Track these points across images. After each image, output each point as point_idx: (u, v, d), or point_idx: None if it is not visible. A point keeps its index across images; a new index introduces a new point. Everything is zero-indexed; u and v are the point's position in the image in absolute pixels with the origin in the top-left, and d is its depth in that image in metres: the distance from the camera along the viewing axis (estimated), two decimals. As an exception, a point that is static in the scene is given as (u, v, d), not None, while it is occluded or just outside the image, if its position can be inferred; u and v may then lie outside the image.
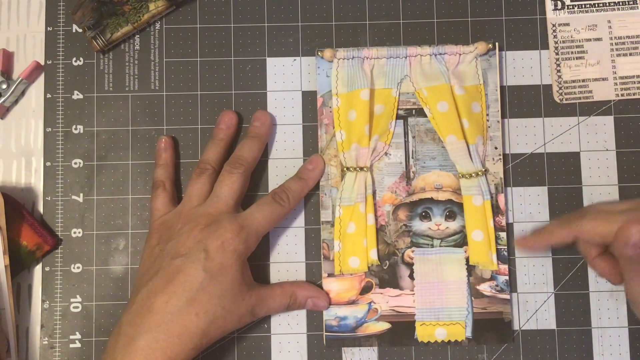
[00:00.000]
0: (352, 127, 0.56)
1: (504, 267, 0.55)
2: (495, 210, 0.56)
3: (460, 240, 0.56)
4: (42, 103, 0.58)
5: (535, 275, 0.56)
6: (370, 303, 0.55)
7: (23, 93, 0.58)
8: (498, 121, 0.57)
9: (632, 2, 0.59)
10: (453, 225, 0.56)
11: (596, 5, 0.59)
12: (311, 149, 0.57)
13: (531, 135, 0.58)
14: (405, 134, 0.57)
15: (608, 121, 0.58)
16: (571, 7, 0.59)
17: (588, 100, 0.58)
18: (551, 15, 0.59)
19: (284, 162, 0.57)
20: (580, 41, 0.59)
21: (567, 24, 0.59)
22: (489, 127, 0.57)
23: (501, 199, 0.56)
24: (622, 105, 0.58)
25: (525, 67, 0.58)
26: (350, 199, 0.55)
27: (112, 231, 0.57)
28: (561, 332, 0.56)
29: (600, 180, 0.57)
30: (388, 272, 0.56)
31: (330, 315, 0.55)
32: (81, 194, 0.57)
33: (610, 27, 0.59)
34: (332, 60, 0.57)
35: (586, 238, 0.51)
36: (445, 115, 0.56)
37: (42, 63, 0.58)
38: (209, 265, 0.49)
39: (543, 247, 0.56)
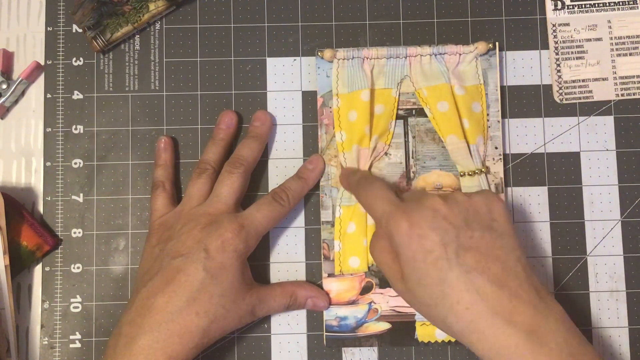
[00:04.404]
0: (353, 128, 0.56)
1: (504, 267, 0.55)
2: (496, 210, 0.56)
3: (461, 240, 0.56)
4: (42, 103, 0.58)
5: (536, 275, 0.56)
6: (370, 303, 0.55)
7: (23, 93, 0.58)
8: (498, 121, 0.57)
9: (632, 2, 0.59)
10: (453, 225, 0.56)
11: (596, 5, 0.59)
12: (311, 149, 0.57)
13: (531, 135, 0.58)
14: (406, 134, 0.57)
15: (608, 121, 0.58)
16: (571, 7, 0.59)
17: (588, 100, 0.58)
18: (551, 15, 0.59)
19: (284, 162, 0.57)
20: (580, 41, 0.59)
21: (567, 24, 0.59)
22: (489, 127, 0.57)
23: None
24: (622, 105, 0.58)
25: (525, 67, 0.58)
26: (350, 199, 0.55)
27: (112, 231, 0.57)
28: (561, 332, 0.55)
29: (600, 180, 0.57)
30: (388, 272, 0.56)
31: (331, 315, 0.55)
32: (81, 194, 0.57)
33: (610, 27, 0.59)
34: (332, 60, 0.57)
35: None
36: (445, 115, 0.56)
37: (42, 63, 0.58)
38: (209, 264, 0.49)
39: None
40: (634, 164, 0.57)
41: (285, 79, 0.58)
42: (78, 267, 0.56)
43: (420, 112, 0.57)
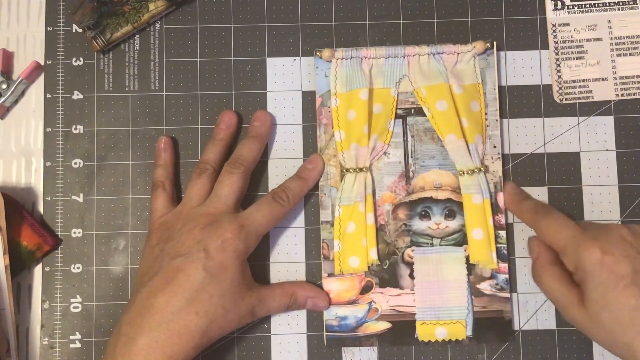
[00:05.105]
0: (351, 127, 0.56)
1: (504, 266, 0.55)
2: (495, 209, 0.56)
3: (460, 239, 0.56)
4: (42, 103, 0.58)
5: (536, 275, 0.56)
6: (370, 303, 0.55)
7: (23, 93, 0.58)
8: (496, 120, 0.57)
9: (632, 2, 0.59)
10: (452, 224, 0.56)
11: (596, 5, 0.59)
12: (311, 149, 0.57)
13: (531, 135, 0.58)
14: (404, 133, 0.57)
15: (608, 121, 0.58)
16: (571, 7, 0.59)
17: (588, 100, 0.58)
18: (551, 15, 0.59)
19: (284, 162, 0.57)
20: (580, 41, 0.59)
21: (567, 24, 0.59)
22: (487, 125, 0.57)
23: (500, 197, 0.56)
24: (622, 105, 0.58)
25: (525, 67, 0.58)
26: (349, 198, 0.55)
27: (112, 231, 0.57)
28: (561, 332, 0.55)
29: (600, 180, 0.57)
30: (388, 271, 0.56)
31: (331, 315, 0.55)
32: (81, 194, 0.57)
33: (610, 27, 0.59)
34: (330, 60, 0.57)
35: (539, 235, 0.54)
36: (444, 114, 0.56)
37: (42, 63, 0.58)
38: (209, 264, 0.49)
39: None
40: (634, 164, 0.57)
41: (285, 79, 0.58)
42: (78, 267, 0.56)
43: (419, 112, 0.57)
